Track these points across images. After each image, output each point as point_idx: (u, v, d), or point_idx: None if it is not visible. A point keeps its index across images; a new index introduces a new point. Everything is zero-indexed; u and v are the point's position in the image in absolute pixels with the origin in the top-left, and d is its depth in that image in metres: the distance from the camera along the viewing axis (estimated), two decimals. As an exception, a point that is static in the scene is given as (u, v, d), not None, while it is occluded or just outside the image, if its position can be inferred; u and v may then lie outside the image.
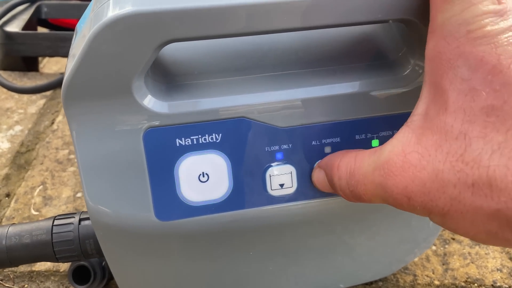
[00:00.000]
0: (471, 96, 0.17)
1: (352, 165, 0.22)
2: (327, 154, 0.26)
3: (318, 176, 0.25)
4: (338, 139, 0.26)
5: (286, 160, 0.25)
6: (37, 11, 0.66)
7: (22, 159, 0.49)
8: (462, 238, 0.41)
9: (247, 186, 0.25)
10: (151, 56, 0.21)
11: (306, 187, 0.26)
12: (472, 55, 0.17)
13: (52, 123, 0.55)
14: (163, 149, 0.24)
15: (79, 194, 0.45)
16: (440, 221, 0.19)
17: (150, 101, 0.23)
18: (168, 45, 0.22)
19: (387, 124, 0.26)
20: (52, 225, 0.28)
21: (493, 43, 0.17)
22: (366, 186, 0.21)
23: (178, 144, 0.24)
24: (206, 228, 0.26)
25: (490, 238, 0.18)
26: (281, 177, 0.26)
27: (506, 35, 0.17)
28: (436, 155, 0.18)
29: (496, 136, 0.16)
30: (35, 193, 0.45)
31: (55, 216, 0.29)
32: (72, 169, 0.48)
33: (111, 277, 0.37)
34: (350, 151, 0.23)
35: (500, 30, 0.17)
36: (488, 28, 0.17)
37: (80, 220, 0.29)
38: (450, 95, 0.18)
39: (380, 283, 0.37)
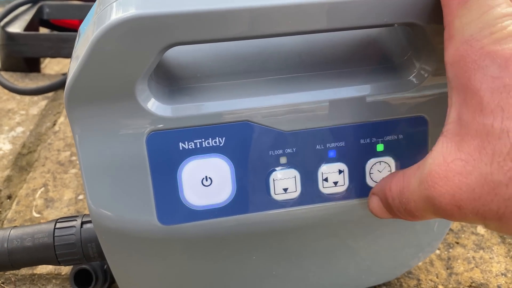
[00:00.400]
0: (507, 92, 0.17)
1: (401, 183, 0.22)
2: (331, 158, 0.26)
3: (373, 203, 0.25)
4: (342, 143, 0.26)
5: (290, 164, 0.25)
6: (39, 11, 0.66)
7: (23, 160, 0.49)
8: (466, 242, 0.40)
9: (250, 190, 0.25)
10: (154, 59, 0.21)
11: (310, 192, 0.26)
12: (499, 53, 0.17)
13: (54, 124, 0.54)
14: (166, 153, 0.24)
15: (81, 196, 0.45)
16: (497, 226, 0.19)
17: (153, 105, 0.23)
18: (171, 48, 0.21)
19: (392, 128, 0.26)
20: (54, 228, 0.28)
21: None
22: (416, 202, 0.20)
23: (181, 148, 0.24)
24: (209, 233, 0.26)
25: None
26: (284, 181, 0.25)
27: None
28: (481, 158, 0.17)
29: None
30: (37, 195, 0.45)
31: (57, 219, 0.29)
32: (74, 171, 0.47)
33: (112, 281, 0.36)
34: (399, 171, 0.23)
35: None
36: (510, 28, 0.17)
37: (82, 223, 0.28)
38: (483, 95, 0.18)
39: None
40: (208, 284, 0.31)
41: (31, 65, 0.65)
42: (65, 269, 0.38)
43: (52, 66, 0.70)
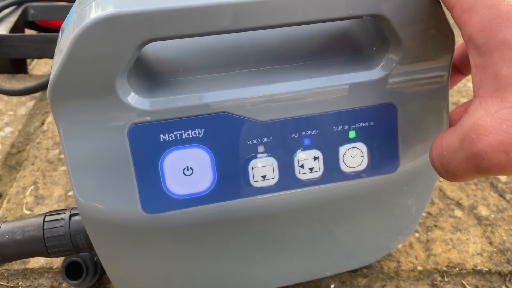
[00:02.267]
0: None
1: (439, 146, 0.23)
2: (307, 145, 0.27)
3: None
4: (316, 131, 0.27)
5: (268, 152, 0.26)
6: (24, 13, 0.66)
7: (13, 160, 0.50)
8: (444, 224, 0.42)
9: (230, 179, 0.26)
10: (132, 55, 0.22)
11: (287, 178, 0.27)
12: None
13: (42, 124, 0.55)
14: (147, 145, 0.25)
15: (70, 193, 0.46)
16: None
17: (133, 99, 0.24)
18: (150, 44, 0.22)
19: (364, 115, 0.27)
20: (44, 221, 0.29)
21: None
22: (458, 161, 0.21)
23: (162, 140, 0.25)
24: (192, 220, 0.27)
25: None
26: (263, 169, 0.27)
27: None
28: None
29: None
30: (27, 193, 0.46)
31: (46, 213, 0.30)
32: (63, 168, 0.48)
33: (103, 272, 0.37)
34: (438, 135, 0.24)
35: None
36: None
37: (71, 215, 0.30)
38: None
39: (365, 270, 0.39)
40: (194, 270, 0.32)
41: (18, 67, 0.65)
42: (57, 263, 0.39)
43: (39, 67, 0.71)
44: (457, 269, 0.38)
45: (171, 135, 0.25)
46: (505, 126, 0.19)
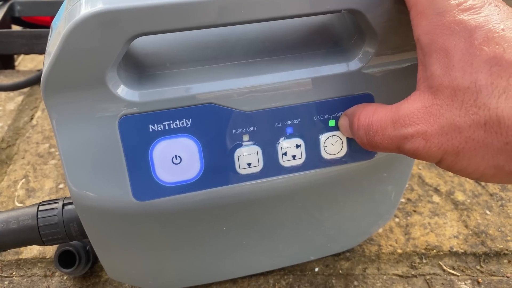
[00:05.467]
0: (475, 51, 0.21)
1: (370, 117, 0.25)
2: (289, 134, 0.28)
3: (342, 122, 0.28)
4: (298, 121, 0.28)
5: (252, 141, 0.28)
6: (10, 9, 0.67)
7: (3, 154, 0.51)
8: (423, 210, 0.44)
9: (217, 166, 0.28)
10: (122, 49, 0.23)
11: (271, 165, 0.28)
12: (469, 22, 0.21)
13: (32, 118, 0.56)
14: (137, 135, 0.26)
15: (61, 185, 0.46)
16: (452, 161, 0.22)
17: (123, 91, 0.25)
18: (139, 39, 0.24)
19: (343, 105, 0.29)
20: (37, 211, 0.30)
21: (481, 12, 0.21)
22: (384, 136, 0.24)
23: (151, 130, 0.26)
24: (181, 206, 0.28)
25: (497, 172, 0.21)
26: (248, 157, 0.28)
27: (488, 7, 0.22)
28: (453, 104, 0.21)
29: (501, 82, 0.20)
30: (18, 186, 0.46)
31: (40, 203, 0.31)
32: (53, 162, 0.49)
33: (95, 261, 0.39)
34: (370, 104, 0.27)
35: (481, 3, 0.22)
36: (470, 2, 0.22)
37: (64, 204, 0.31)
38: (456, 54, 0.21)
39: (348, 254, 0.40)
40: (184, 256, 0.34)
41: (5, 62, 0.66)
42: (50, 253, 0.40)
43: (26, 63, 0.71)
44: (434, 251, 0.40)
45: (160, 125, 0.26)
46: (432, 120, 0.22)
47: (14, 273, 0.39)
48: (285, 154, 0.28)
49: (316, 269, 0.39)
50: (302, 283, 0.38)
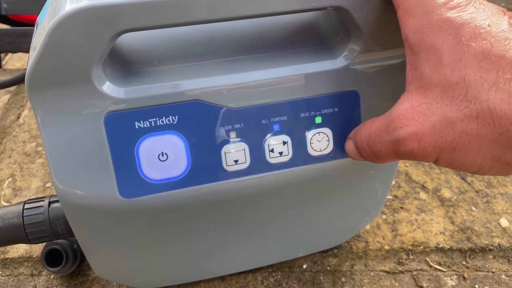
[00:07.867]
0: (463, 48, 0.21)
1: (369, 129, 0.26)
2: (276, 131, 0.28)
3: (349, 146, 0.29)
4: (285, 117, 0.28)
5: (239, 138, 0.28)
6: (-3, 7, 0.66)
7: (-11, 153, 0.50)
8: (409, 206, 0.44)
9: (204, 164, 0.28)
10: (107, 45, 0.23)
11: (258, 162, 0.29)
12: (456, 19, 0.21)
13: (18, 117, 0.55)
14: (123, 132, 0.26)
15: (48, 184, 0.46)
16: (449, 158, 0.22)
17: (108, 87, 0.25)
18: (125, 35, 0.24)
19: (329, 102, 0.29)
20: (23, 209, 0.30)
21: (467, 10, 0.22)
22: (382, 143, 0.24)
23: (137, 127, 0.26)
24: (168, 204, 0.28)
25: (494, 163, 0.21)
26: (235, 154, 0.28)
27: (473, 5, 0.22)
28: (443, 101, 0.21)
29: (490, 75, 0.20)
30: (5, 185, 0.46)
31: (25, 201, 0.31)
32: (40, 160, 0.49)
33: (82, 260, 0.38)
34: (369, 120, 0.27)
35: (466, 1, 0.22)
36: (456, 0, 0.22)
37: (50, 202, 0.30)
38: (444, 51, 0.21)
39: (336, 251, 0.41)
40: (171, 253, 0.34)
41: (-8, 61, 0.65)
42: (36, 252, 0.40)
43: (13, 62, 0.70)
44: (421, 247, 0.41)
45: (146, 122, 0.26)
46: (422, 119, 0.22)
47: (0, 272, 0.38)
48: (272, 151, 0.29)
49: (304, 266, 0.39)
50: (290, 280, 0.38)
